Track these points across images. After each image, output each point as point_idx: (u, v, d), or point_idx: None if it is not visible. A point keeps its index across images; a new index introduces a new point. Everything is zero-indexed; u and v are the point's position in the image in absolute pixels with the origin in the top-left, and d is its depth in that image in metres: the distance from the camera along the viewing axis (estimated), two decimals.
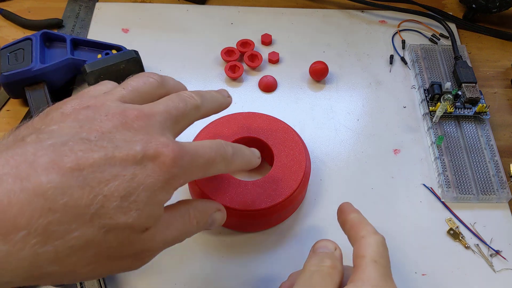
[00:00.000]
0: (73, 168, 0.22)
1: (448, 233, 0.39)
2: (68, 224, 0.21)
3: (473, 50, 0.53)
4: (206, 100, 0.31)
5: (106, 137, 0.23)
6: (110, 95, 0.27)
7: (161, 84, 0.30)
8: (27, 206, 0.20)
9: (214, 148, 0.28)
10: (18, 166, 0.21)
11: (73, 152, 0.22)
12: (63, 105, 0.26)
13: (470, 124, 0.46)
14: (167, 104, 0.28)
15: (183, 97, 0.29)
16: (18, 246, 0.20)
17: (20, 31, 0.53)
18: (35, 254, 0.20)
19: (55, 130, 0.23)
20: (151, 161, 0.24)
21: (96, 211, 0.22)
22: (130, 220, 0.23)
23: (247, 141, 0.41)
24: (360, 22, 0.55)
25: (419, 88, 0.48)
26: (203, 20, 0.55)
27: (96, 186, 0.22)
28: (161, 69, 0.50)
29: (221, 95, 0.34)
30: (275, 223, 0.39)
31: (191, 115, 0.29)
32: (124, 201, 0.22)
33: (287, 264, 0.38)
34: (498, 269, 0.38)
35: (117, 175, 0.23)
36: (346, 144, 0.45)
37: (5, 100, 0.47)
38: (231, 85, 0.49)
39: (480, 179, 0.42)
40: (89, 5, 0.55)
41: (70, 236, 0.21)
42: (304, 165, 0.38)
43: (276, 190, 0.37)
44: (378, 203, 0.41)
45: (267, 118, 0.41)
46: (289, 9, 0.56)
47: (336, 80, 0.50)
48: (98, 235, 0.22)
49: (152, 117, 0.26)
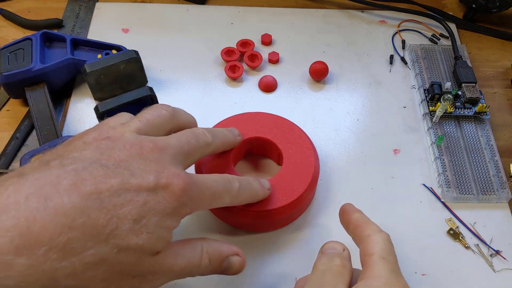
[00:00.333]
0: (92, 191, 0.24)
1: (448, 233, 0.39)
2: (85, 242, 0.23)
3: (473, 50, 0.53)
4: (217, 138, 0.34)
5: (123, 165, 0.26)
6: (127, 126, 0.29)
7: (173, 116, 0.32)
8: (49, 224, 0.22)
9: (221, 183, 0.31)
10: (42, 187, 0.23)
11: (93, 177, 0.24)
12: (85, 135, 0.28)
13: (470, 124, 0.46)
14: (180, 139, 0.30)
15: (196, 133, 0.32)
16: (40, 261, 0.22)
17: (20, 31, 0.53)
18: (54, 268, 0.22)
19: (77, 156, 0.26)
20: (163, 190, 0.26)
21: (111, 232, 0.24)
22: (140, 242, 0.25)
23: (255, 141, 0.41)
24: (360, 22, 0.55)
25: (419, 88, 0.48)
26: (203, 20, 0.55)
27: (112, 209, 0.24)
28: (161, 69, 0.50)
29: (232, 134, 0.37)
30: (284, 224, 0.39)
31: (202, 151, 0.32)
32: (136, 224, 0.25)
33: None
34: (498, 269, 0.38)
35: (131, 200, 0.25)
36: (346, 144, 0.45)
37: (5, 100, 0.47)
38: (231, 85, 0.49)
39: (480, 179, 0.42)
40: (89, 5, 0.55)
41: (86, 253, 0.23)
42: (314, 165, 0.38)
43: (285, 190, 0.37)
44: (378, 203, 0.41)
45: (275, 118, 0.41)
46: (289, 9, 0.56)
47: (336, 80, 0.50)
48: (111, 254, 0.24)
49: (165, 150, 0.28)
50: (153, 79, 0.49)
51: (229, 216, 0.38)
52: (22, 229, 0.22)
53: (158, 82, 0.48)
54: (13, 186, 0.23)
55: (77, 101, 0.47)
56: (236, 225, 0.39)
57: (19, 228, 0.22)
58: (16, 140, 0.44)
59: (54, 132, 0.42)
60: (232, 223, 0.39)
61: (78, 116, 0.46)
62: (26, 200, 0.22)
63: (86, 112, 0.46)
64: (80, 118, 0.46)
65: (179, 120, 0.33)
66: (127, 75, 0.45)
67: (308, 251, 0.38)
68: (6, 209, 0.22)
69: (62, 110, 0.46)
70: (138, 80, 0.46)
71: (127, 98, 0.41)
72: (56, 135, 0.42)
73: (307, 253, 0.38)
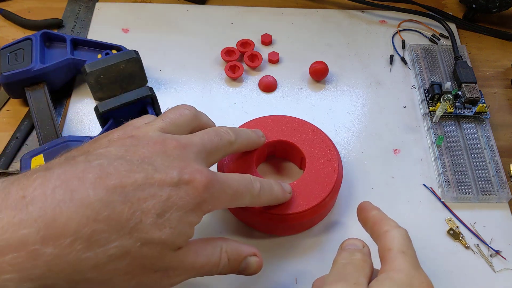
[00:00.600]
0: (116, 185, 0.24)
1: (448, 233, 0.39)
2: (109, 234, 0.23)
3: (473, 50, 0.53)
4: (240, 137, 0.34)
5: (147, 161, 0.26)
6: (151, 126, 0.30)
7: (195, 116, 0.33)
8: (75, 215, 0.23)
9: (242, 182, 0.31)
10: (68, 180, 0.24)
11: (118, 171, 0.25)
12: (110, 134, 0.29)
13: (470, 124, 0.46)
14: (203, 137, 0.31)
15: (219, 132, 0.32)
16: (66, 251, 0.22)
17: (20, 31, 0.53)
18: (79, 259, 0.23)
19: (102, 153, 0.26)
20: (185, 185, 0.27)
21: (134, 225, 0.24)
22: (163, 237, 0.25)
23: (278, 144, 0.41)
24: (360, 22, 0.55)
25: (419, 88, 0.48)
26: (203, 20, 0.55)
27: (136, 203, 0.24)
28: (161, 69, 0.50)
29: (255, 135, 0.38)
30: (303, 229, 0.39)
31: (224, 149, 0.32)
32: (159, 218, 0.25)
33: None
34: (498, 269, 0.38)
35: (154, 194, 0.25)
36: (346, 144, 0.45)
37: (5, 100, 0.47)
38: (231, 85, 0.49)
39: (480, 179, 0.42)
40: (89, 5, 0.55)
41: (110, 245, 0.23)
42: (337, 171, 0.38)
43: (306, 196, 0.37)
44: (378, 203, 0.41)
45: (300, 122, 0.41)
46: (289, 9, 0.56)
47: (336, 80, 0.50)
48: (134, 247, 0.24)
49: (188, 148, 0.29)
50: (153, 79, 0.49)
51: (249, 217, 0.38)
52: (48, 220, 0.22)
53: (158, 82, 0.48)
54: (40, 179, 0.24)
55: (77, 101, 0.47)
56: (255, 227, 0.39)
57: (45, 219, 0.22)
58: (16, 140, 0.44)
59: (54, 132, 0.42)
60: (251, 224, 0.39)
61: (78, 116, 0.46)
62: (53, 193, 0.23)
63: (86, 112, 0.46)
64: (80, 118, 0.46)
65: (201, 121, 0.34)
66: (127, 75, 0.45)
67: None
68: (33, 200, 0.23)
69: (62, 110, 0.46)
70: (138, 80, 0.46)
71: (127, 98, 0.41)
72: (56, 135, 0.42)
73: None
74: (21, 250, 0.22)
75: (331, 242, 0.39)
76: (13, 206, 0.22)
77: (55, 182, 0.23)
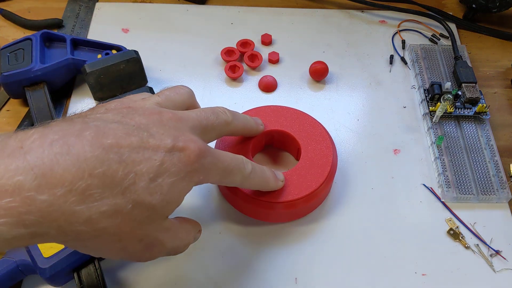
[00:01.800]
0: (113, 145, 0.25)
1: (448, 233, 0.39)
2: (103, 191, 0.24)
3: (473, 50, 0.53)
4: (237, 119, 0.35)
5: (143, 128, 0.27)
6: (147, 100, 0.31)
7: (191, 95, 0.34)
8: (71, 168, 0.23)
9: (234, 161, 0.31)
10: (66, 136, 0.24)
11: (114, 132, 0.25)
12: (107, 104, 0.30)
13: (470, 124, 0.45)
14: (199, 113, 0.31)
15: (216, 110, 0.33)
16: (60, 201, 0.23)
17: (20, 31, 0.53)
18: (72, 211, 0.23)
19: (99, 117, 0.27)
20: (179, 152, 0.27)
21: (128, 186, 0.25)
22: (154, 202, 0.26)
23: (276, 134, 0.41)
24: (360, 22, 0.55)
25: (419, 88, 0.48)
26: (203, 20, 0.55)
27: (130, 164, 0.25)
28: (161, 69, 0.50)
29: (254, 121, 0.38)
30: (295, 217, 0.39)
31: (220, 128, 0.33)
32: (151, 182, 0.26)
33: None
34: (498, 269, 0.38)
35: (149, 158, 0.26)
36: (346, 144, 0.45)
37: (5, 100, 0.47)
38: (231, 85, 0.49)
39: (480, 179, 0.42)
40: (89, 5, 0.55)
41: (103, 202, 0.24)
42: (331, 163, 0.39)
43: (299, 185, 0.37)
44: (378, 203, 0.41)
45: (299, 113, 0.42)
46: (289, 9, 0.56)
47: (336, 80, 0.50)
48: (126, 208, 0.25)
49: (184, 121, 0.29)
50: (153, 79, 0.49)
51: (242, 204, 0.38)
52: (45, 169, 0.23)
53: (158, 82, 0.48)
54: (38, 134, 0.24)
55: (77, 101, 0.47)
56: (249, 214, 0.39)
57: (42, 168, 0.23)
58: None
59: None
60: (246, 212, 0.39)
61: None
62: (50, 146, 0.23)
63: None
64: None
65: (196, 102, 0.35)
66: (127, 75, 0.45)
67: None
68: (30, 151, 0.23)
69: (62, 110, 0.46)
70: (138, 80, 0.46)
71: None
72: None
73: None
74: (16, 195, 0.22)
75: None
76: (10, 154, 0.23)
77: (53, 137, 0.24)
